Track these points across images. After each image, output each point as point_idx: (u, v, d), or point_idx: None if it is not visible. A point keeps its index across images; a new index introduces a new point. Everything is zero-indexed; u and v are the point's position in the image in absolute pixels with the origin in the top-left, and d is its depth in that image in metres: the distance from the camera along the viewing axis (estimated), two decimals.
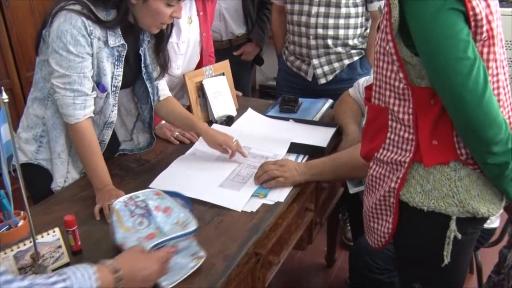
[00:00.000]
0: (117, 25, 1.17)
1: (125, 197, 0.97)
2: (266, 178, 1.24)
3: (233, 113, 1.70)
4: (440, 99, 0.84)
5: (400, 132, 0.91)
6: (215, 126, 1.55)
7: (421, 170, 0.90)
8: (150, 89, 1.35)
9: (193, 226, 0.93)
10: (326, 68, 1.83)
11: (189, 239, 0.95)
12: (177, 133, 1.52)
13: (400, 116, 0.90)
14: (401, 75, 0.88)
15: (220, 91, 1.68)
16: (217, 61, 1.76)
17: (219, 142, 1.34)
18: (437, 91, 0.84)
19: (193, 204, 0.99)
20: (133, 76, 1.31)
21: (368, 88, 0.98)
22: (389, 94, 0.91)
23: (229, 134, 1.37)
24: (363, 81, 1.57)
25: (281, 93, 1.85)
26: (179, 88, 1.70)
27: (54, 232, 0.96)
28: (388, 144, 0.93)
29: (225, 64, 1.73)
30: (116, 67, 1.22)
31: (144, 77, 1.32)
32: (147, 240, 0.91)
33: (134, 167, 1.38)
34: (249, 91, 2.31)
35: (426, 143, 0.87)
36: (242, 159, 1.39)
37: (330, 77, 1.85)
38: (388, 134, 0.93)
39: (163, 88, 1.42)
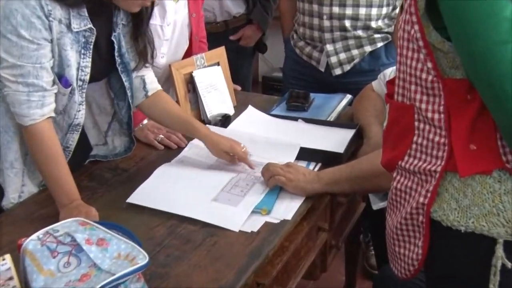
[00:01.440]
0: (82, 4, 1.16)
1: (39, 233, 0.93)
2: (268, 177, 1.26)
3: (230, 111, 1.70)
4: (479, 94, 0.85)
5: (429, 135, 0.91)
6: (208, 128, 1.55)
7: (456, 182, 0.90)
8: (126, 84, 1.35)
9: (143, 259, 0.91)
10: (342, 56, 1.84)
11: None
12: (161, 136, 1.53)
13: (429, 115, 0.90)
14: (429, 65, 0.88)
15: (214, 85, 1.69)
16: (210, 48, 1.77)
17: (225, 149, 1.34)
18: (474, 84, 0.84)
19: (140, 240, 0.99)
20: (105, 67, 1.32)
21: (391, 83, 0.99)
22: (415, 88, 0.91)
23: (234, 139, 1.38)
24: (390, 72, 1.58)
25: (288, 87, 1.86)
26: (164, 82, 1.71)
27: (4, 260, 0.93)
28: (415, 150, 0.93)
29: (220, 51, 1.74)
30: (82, 56, 1.22)
31: (119, 68, 1.32)
32: (81, 282, 0.88)
33: (109, 177, 1.39)
34: (249, 84, 2.32)
35: (462, 148, 0.87)
36: (240, 167, 1.40)
37: (347, 67, 1.85)
38: (415, 138, 0.93)
39: (152, 81, 1.42)
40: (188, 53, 1.70)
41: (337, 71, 1.86)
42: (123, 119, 1.42)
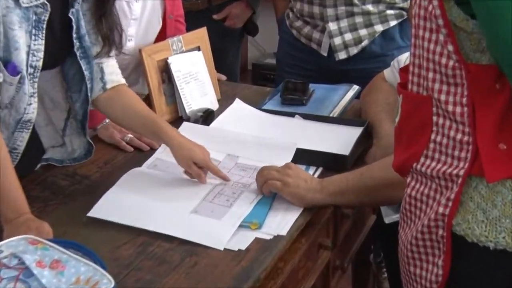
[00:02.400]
0: None
1: None
2: (262, 183, 1.27)
3: (214, 106, 1.70)
4: (509, 82, 0.85)
5: (450, 132, 0.91)
6: (187, 127, 1.55)
7: (483, 188, 0.90)
8: (86, 72, 1.35)
9: (108, 283, 0.91)
10: (348, 36, 1.84)
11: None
12: (130, 135, 1.53)
13: (450, 108, 0.90)
14: (450, 48, 0.88)
15: (194, 74, 1.69)
16: (189, 29, 1.77)
17: (196, 160, 1.33)
18: (503, 70, 0.84)
19: (105, 262, 0.99)
20: (61, 51, 1.31)
21: (404, 70, 0.99)
22: (432, 76, 0.91)
23: (201, 144, 1.36)
24: (406, 58, 1.58)
25: (283, 77, 1.86)
26: (132, 70, 1.71)
27: None
28: (433, 150, 0.93)
29: (201, 33, 1.74)
30: (34, 37, 1.21)
31: (77, 53, 1.32)
32: None
33: (65, 185, 1.38)
34: (237, 73, 2.32)
35: (489, 147, 0.87)
36: (226, 173, 1.39)
37: (353, 51, 1.85)
38: (433, 136, 0.93)
39: (113, 71, 1.42)
40: (162, 36, 1.70)
41: (342, 55, 1.86)
42: (77, 116, 1.41)
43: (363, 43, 1.85)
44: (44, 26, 1.22)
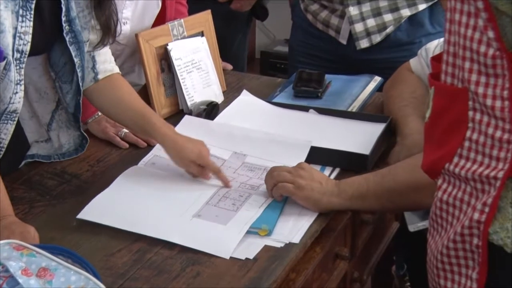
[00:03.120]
0: None
1: None
2: (272, 186, 1.27)
3: (218, 98, 1.70)
4: None
5: (488, 130, 0.91)
6: (188, 121, 1.55)
7: None
8: (76, 59, 1.35)
9: None
10: (370, 22, 1.83)
11: None
12: (125, 130, 1.53)
13: (489, 102, 0.90)
14: (490, 34, 0.87)
15: (197, 63, 1.69)
16: (191, 12, 1.77)
17: (192, 158, 1.33)
18: None
19: (97, 270, 0.98)
20: (49, 35, 1.31)
21: (436, 59, 0.99)
22: (469, 66, 0.90)
23: (200, 140, 1.37)
24: (436, 46, 1.57)
25: (296, 67, 1.86)
26: (127, 58, 1.71)
27: None
28: (468, 150, 0.93)
29: (205, 17, 1.74)
30: (21, 19, 1.22)
31: (67, 38, 1.32)
32: None
33: (53, 185, 1.38)
34: (244, 62, 2.32)
35: None
36: (232, 173, 1.39)
37: (377, 38, 1.85)
38: (468, 133, 0.93)
39: (106, 60, 1.43)
40: (161, 19, 1.70)
41: (363, 44, 1.85)
42: (69, 109, 1.42)
43: (388, 30, 1.84)
44: (33, 6, 1.23)
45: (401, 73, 1.62)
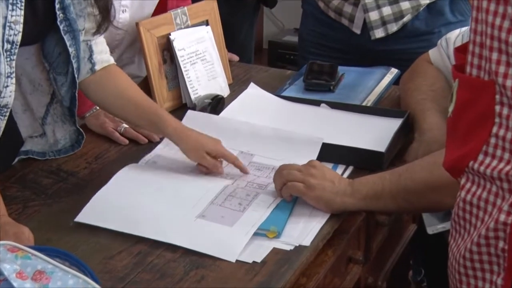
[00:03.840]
0: None
1: None
2: (281, 185, 1.27)
3: (224, 91, 1.71)
4: None
5: None
6: (192, 116, 1.55)
7: None
8: (71, 49, 1.35)
9: None
10: (386, 10, 1.83)
11: None
12: (125, 126, 1.54)
13: None
14: None
15: (202, 54, 1.69)
16: None
17: (207, 149, 1.35)
18: None
19: (96, 274, 0.99)
20: (42, 24, 1.32)
21: (461, 50, 0.98)
22: (497, 57, 0.90)
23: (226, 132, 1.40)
24: (457, 36, 1.57)
25: (307, 58, 1.86)
26: (126, 48, 1.71)
27: None
28: (494, 146, 0.93)
29: (210, 5, 1.74)
30: (11, 7, 1.21)
31: (61, 27, 1.33)
32: None
33: (48, 183, 1.39)
34: (251, 52, 2.32)
35: None
36: (238, 172, 1.40)
37: (393, 28, 1.85)
38: (495, 129, 0.92)
39: (102, 50, 1.43)
40: (163, 6, 1.70)
41: (379, 33, 1.85)
42: (64, 102, 1.42)
43: (405, 19, 1.84)
44: None
45: (419, 64, 1.62)
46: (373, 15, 1.84)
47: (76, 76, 1.38)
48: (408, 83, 1.61)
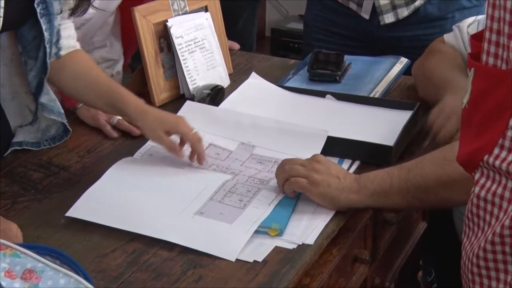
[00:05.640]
0: None
1: None
2: (283, 181, 1.27)
3: (224, 81, 1.70)
4: None
5: None
6: (190, 107, 1.55)
7: None
8: (46, 33, 1.35)
9: None
10: None
11: None
12: (119, 118, 1.53)
13: None
14: None
15: (200, 41, 1.69)
16: None
17: (166, 128, 1.36)
18: None
19: (88, 273, 0.99)
20: (21, 8, 1.32)
21: (477, 38, 0.97)
22: None
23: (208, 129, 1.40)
24: (469, 24, 1.57)
25: (312, 45, 1.86)
26: (97, 30, 1.68)
27: None
28: (511, 140, 0.92)
29: None
30: None
31: (38, 9, 1.33)
32: None
33: (38, 178, 1.39)
34: (253, 40, 2.32)
35: None
36: (239, 166, 1.40)
37: (404, 12, 1.84)
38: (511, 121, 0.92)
39: (70, 35, 1.44)
40: None
41: (388, 18, 1.85)
42: (30, 87, 1.42)
43: (417, 3, 1.83)
44: None
45: (435, 45, 1.61)
46: (383, 0, 1.83)
47: (48, 60, 1.38)
48: (426, 62, 1.60)
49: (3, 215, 1.20)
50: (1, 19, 1.24)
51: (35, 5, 1.32)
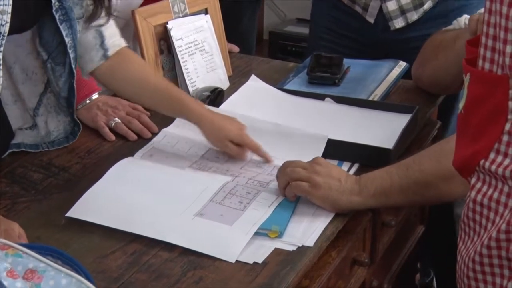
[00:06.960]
0: None
1: None
2: (284, 184, 1.28)
3: (223, 84, 1.71)
4: None
5: None
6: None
7: None
8: (67, 39, 1.36)
9: None
10: None
11: None
12: (117, 119, 1.53)
13: None
14: None
15: (200, 44, 1.69)
16: None
17: (231, 137, 1.38)
18: None
19: (89, 273, 0.99)
20: (34, 12, 1.32)
21: (472, 43, 0.98)
22: (511, 51, 0.89)
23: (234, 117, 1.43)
24: (465, 17, 1.57)
25: (317, 44, 1.86)
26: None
27: None
28: (506, 144, 0.93)
29: None
30: None
31: (57, 16, 1.33)
32: None
33: (39, 178, 1.39)
34: (252, 43, 2.31)
35: None
36: (239, 168, 1.40)
37: (413, 16, 1.82)
38: (507, 126, 0.92)
39: (113, 33, 1.44)
40: None
41: (398, 23, 1.83)
42: (61, 93, 1.43)
43: (425, 6, 1.81)
44: None
45: (436, 35, 1.62)
46: (391, 5, 1.80)
47: (73, 66, 1.39)
48: (428, 50, 1.62)
49: (4, 215, 1.20)
50: (8, 24, 1.24)
51: (54, 12, 1.32)
